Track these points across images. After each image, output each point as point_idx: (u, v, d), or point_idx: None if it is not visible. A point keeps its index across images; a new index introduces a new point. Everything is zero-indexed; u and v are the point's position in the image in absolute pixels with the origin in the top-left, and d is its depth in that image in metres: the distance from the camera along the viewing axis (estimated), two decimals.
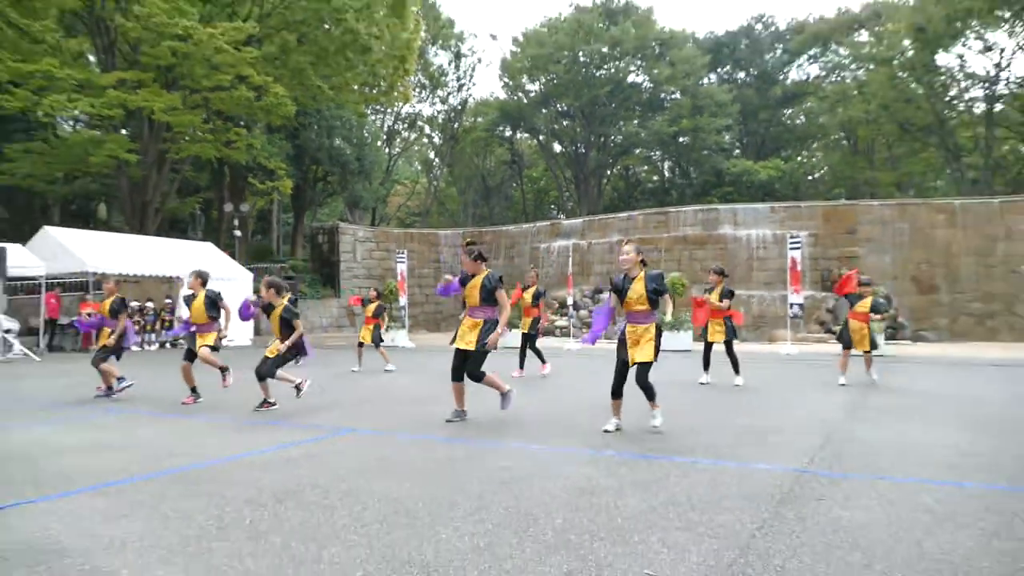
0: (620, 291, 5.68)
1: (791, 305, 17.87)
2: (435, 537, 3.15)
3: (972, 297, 21.61)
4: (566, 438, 5.51)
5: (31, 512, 3.61)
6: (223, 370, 7.93)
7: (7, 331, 15.71)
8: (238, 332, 19.69)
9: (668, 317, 6.74)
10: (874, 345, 9.37)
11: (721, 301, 9.00)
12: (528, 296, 10.99)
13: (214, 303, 7.94)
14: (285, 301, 7.20)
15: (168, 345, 19.38)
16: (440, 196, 49.23)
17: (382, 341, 12.07)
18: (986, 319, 21.39)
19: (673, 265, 23.29)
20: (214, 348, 7.92)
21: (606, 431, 5.60)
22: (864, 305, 9.15)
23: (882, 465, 4.57)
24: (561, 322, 23.03)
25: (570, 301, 20.41)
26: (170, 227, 31.64)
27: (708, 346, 9.32)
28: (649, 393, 5.62)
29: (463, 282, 6.38)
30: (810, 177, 48.28)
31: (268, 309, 7.17)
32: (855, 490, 3.94)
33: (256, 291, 7.66)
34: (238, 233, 27.36)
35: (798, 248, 18.18)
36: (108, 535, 3.22)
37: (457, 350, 6.21)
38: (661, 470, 4.41)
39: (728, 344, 9.10)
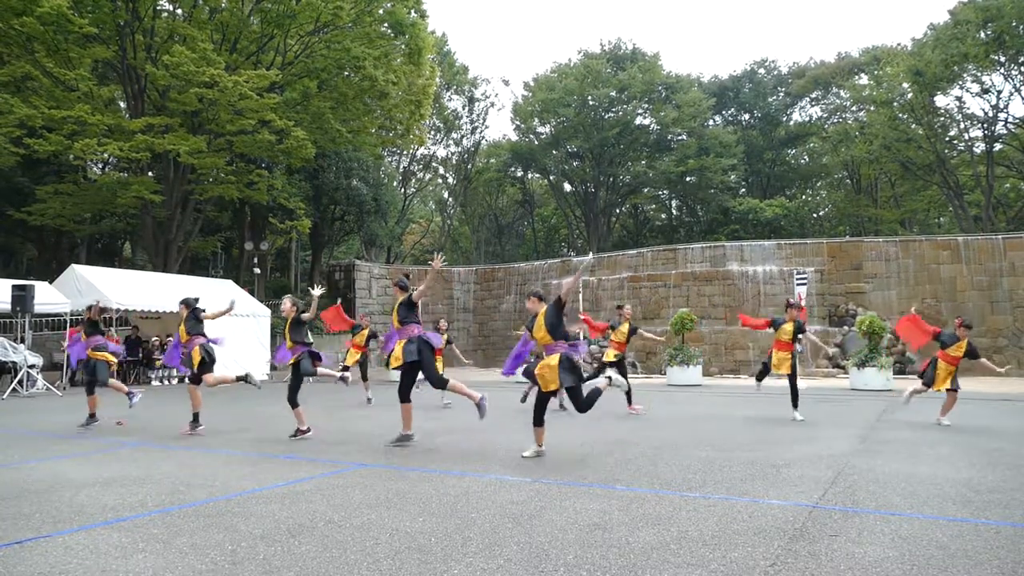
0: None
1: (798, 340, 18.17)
2: (447, 573, 3.13)
3: (978, 332, 21.82)
4: (577, 472, 5.52)
5: (48, 546, 3.62)
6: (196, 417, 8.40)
7: (31, 366, 16.02)
8: (254, 366, 20.16)
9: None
10: (955, 386, 9.03)
11: (796, 337, 9.20)
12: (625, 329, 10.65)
13: (198, 319, 8.43)
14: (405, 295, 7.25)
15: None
16: (453, 234, 50.11)
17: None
18: (993, 353, 21.55)
19: (682, 301, 23.71)
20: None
21: (523, 456, 6.12)
22: (960, 348, 8.88)
23: (895, 501, 4.53)
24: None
25: (581, 337, 20.79)
26: (192, 265, 32.45)
27: (791, 379, 9.34)
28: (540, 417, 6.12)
29: (529, 328, 6.43)
30: (815, 215, 48.87)
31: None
32: (868, 526, 3.89)
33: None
34: (257, 270, 28.10)
35: (804, 283, 18.60)
36: (123, 570, 3.22)
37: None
38: (672, 505, 4.42)
39: (791, 378, 9.21)
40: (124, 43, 22.02)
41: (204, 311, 8.57)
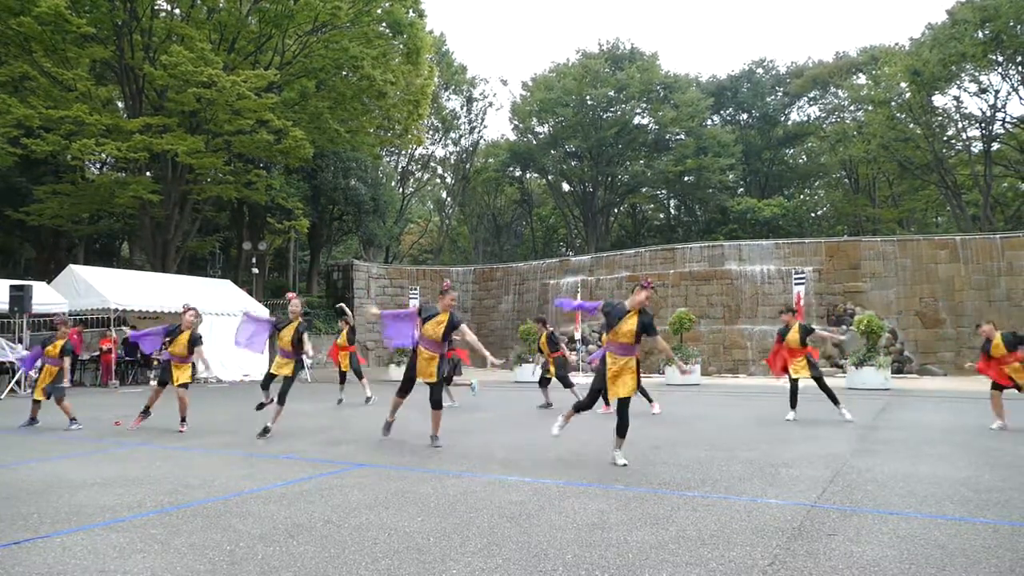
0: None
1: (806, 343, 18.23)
2: (446, 572, 3.13)
3: (976, 331, 21.86)
4: (575, 472, 5.54)
5: (46, 547, 3.62)
6: (147, 410, 8.64)
7: None
8: (253, 367, 20.17)
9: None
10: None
11: (804, 342, 9.06)
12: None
13: (195, 343, 8.50)
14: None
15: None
16: (452, 234, 50.14)
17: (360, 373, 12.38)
18: None
19: (680, 300, 23.73)
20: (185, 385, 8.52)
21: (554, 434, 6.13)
22: (998, 348, 8.52)
23: (892, 500, 4.55)
24: (571, 357, 23.36)
25: (578, 336, 20.84)
26: (190, 265, 32.45)
27: (795, 383, 9.30)
28: (624, 427, 5.75)
29: (421, 313, 6.97)
30: (813, 214, 48.96)
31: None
32: (866, 525, 3.90)
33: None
34: (256, 270, 28.08)
35: (802, 283, 18.61)
36: (122, 570, 3.22)
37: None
38: (671, 504, 4.43)
39: (819, 379, 9.03)
40: (122, 43, 22.00)
41: (201, 343, 8.78)
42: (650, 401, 10.09)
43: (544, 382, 11.50)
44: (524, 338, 19.85)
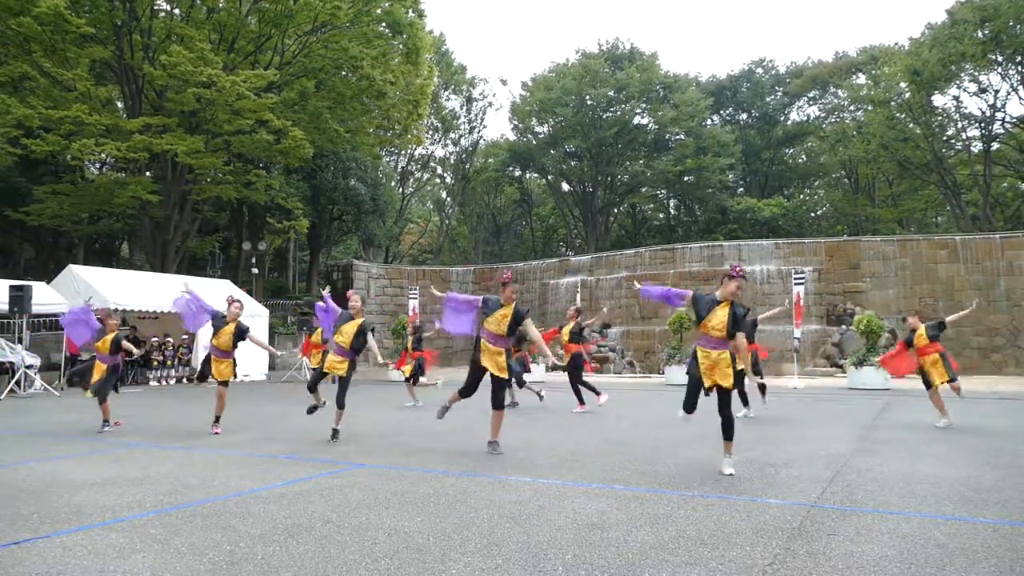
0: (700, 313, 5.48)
1: (795, 339, 18.27)
2: (445, 572, 3.14)
3: (976, 331, 21.88)
4: (576, 472, 5.53)
5: (46, 547, 3.62)
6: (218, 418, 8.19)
7: (28, 366, 16.00)
8: (252, 366, 20.16)
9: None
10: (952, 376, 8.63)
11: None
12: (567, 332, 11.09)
13: (241, 335, 8.13)
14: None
15: (185, 380, 19.83)
16: (452, 234, 50.13)
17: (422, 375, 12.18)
18: (991, 353, 21.61)
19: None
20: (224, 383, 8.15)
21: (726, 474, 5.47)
22: (921, 338, 8.68)
23: (892, 500, 4.55)
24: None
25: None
26: (190, 265, 32.43)
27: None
28: (729, 427, 5.40)
29: (486, 304, 6.55)
30: (813, 214, 48.97)
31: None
32: (866, 525, 3.90)
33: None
34: (255, 270, 28.07)
35: (802, 283, 18.61)
36: (121, 570, 3.22)
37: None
38: (671, 504, 4.43)
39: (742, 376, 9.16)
40: (121, 43, 21.99)
41: (248, 334, 8.43)
42: (597, 393, 10.37)
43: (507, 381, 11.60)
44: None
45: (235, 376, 8.32)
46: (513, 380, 11.18)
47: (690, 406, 5.60)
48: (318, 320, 11.04)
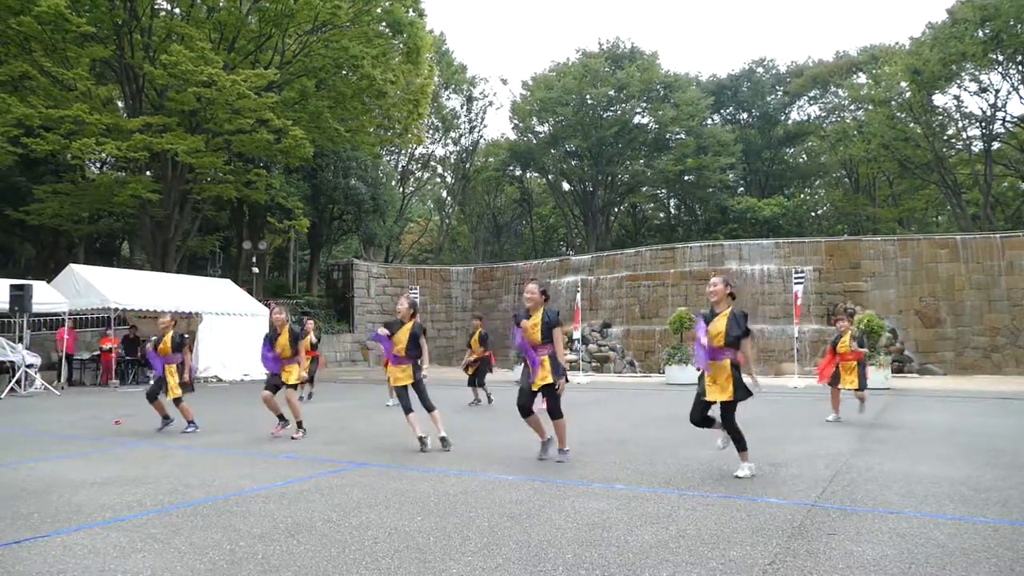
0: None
1: (796, 339, 18.29)
2: (446, 572, 3.14)
3: (976, 331, 21.88)
4: (576, 471, 5.53)
5: (46, 546, 3.62)
6: (280, 417, 7.90)
7: (29, 366, 16.01)
8: (253, 366, 20.14)
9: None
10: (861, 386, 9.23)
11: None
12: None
13: (296, 339, 7.93)
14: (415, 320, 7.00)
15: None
16: (452, 233, 50.13)
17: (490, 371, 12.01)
18: (992, 352, 21.61)
19: (680, 300, 23.72)
20: (280, 387, 7.84)
21: (720, 447, 5.64)
22: (844, 344, 9.17)
23: (892, 499, 4.56)
24: (570, 356, 23.40)
25: (577, 336, 20.83)
26: (190, 264, 32.43)
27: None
28: (737, 439, 5.38)
29: (517, 321, 6.15)
30: (813, 214, 48.98)
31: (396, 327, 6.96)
32: (866, 525, 3.91)
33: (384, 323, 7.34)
34: (256, 270, 28.07)
35: (801, 283, 18.62)
36: (122, 570, 3.22)
37: (542, 388, 5.94)
38: (671, 504, 4.43)
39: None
40: (122, 42, 21.98)
41: (302, 338, 8.18)
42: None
43: (472, 381, 11.84)
44: None
45: (299, 380, 8.10)
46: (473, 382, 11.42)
47: (696, 418, 5.52)
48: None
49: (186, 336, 8.70)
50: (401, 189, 42.42)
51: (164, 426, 8.55)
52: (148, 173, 25.43)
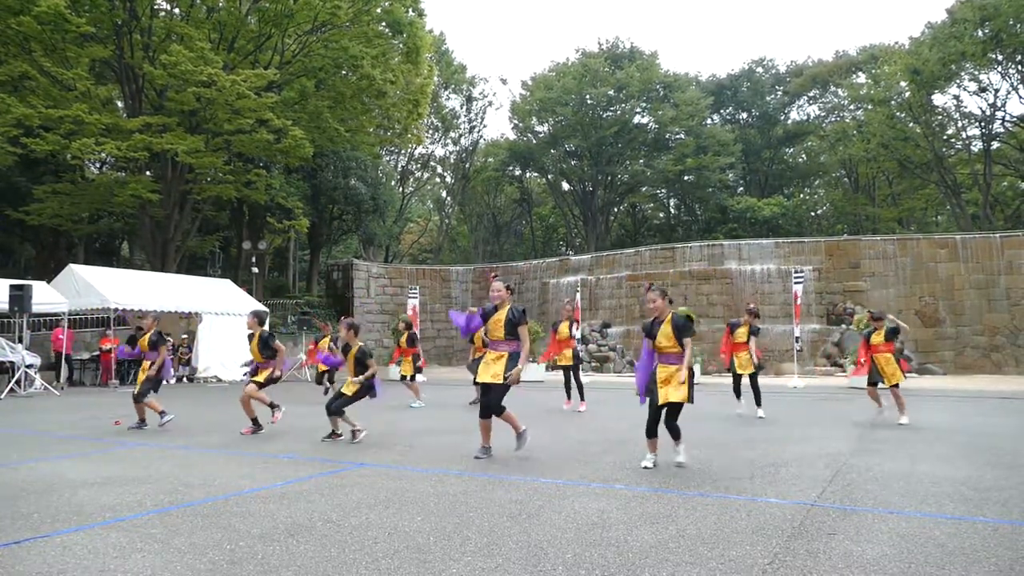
0: (651, 335, 5.68)
1: (796, 338, 18.29)
2: (446, 572, 3.14)
3: (976, 330, 21.89)
4: (576, 471, 5.54)
5: (46, 546, 3.61)
6: (272, 406, 8.28)
7: (29, 366, 16.01)
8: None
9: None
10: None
11: (750, 338, 9.47)
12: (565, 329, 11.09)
13: (267, 343, 8.19)
14: (360, 343, 7.50)
15: (186, 380, 19.83)
16: (451, 233, 50.12)
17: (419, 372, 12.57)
18: (991, 352, 21.62)
19: (680, 300, 23.73)
20: (263, 384, 8.17)
21: (644, 467, 5.62)
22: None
23: (892, 499, 4.56)
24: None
25: (578, 335, 20.81)
26: (190, 264, 32.42)
27: (737, 377, 9.65)
28: (675, 433, 5.64)
29: (485, 316, 6.22)
30: (813, 213, 48.99)
31: (346, 349, 7.52)
32: (866, 524, 3.91)
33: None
34: (255, 270, 28.05)
35: (801, 282, 18.63)
36: (122, 570, 3.22)
37: (483, 385, 6.14)
38: (671, 504, 4.43)
39: (754, 376, 9.44)
40: (121, 42, 21.97)
41: (275, 339, 8.44)
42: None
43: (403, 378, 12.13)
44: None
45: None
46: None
47: (651, 431, 5.65)
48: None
49: (166, 335, 8.91)
50: (401, 189, 42.41)
51: (139, 426, 8.72)
52: (148, 173, 25.41)
